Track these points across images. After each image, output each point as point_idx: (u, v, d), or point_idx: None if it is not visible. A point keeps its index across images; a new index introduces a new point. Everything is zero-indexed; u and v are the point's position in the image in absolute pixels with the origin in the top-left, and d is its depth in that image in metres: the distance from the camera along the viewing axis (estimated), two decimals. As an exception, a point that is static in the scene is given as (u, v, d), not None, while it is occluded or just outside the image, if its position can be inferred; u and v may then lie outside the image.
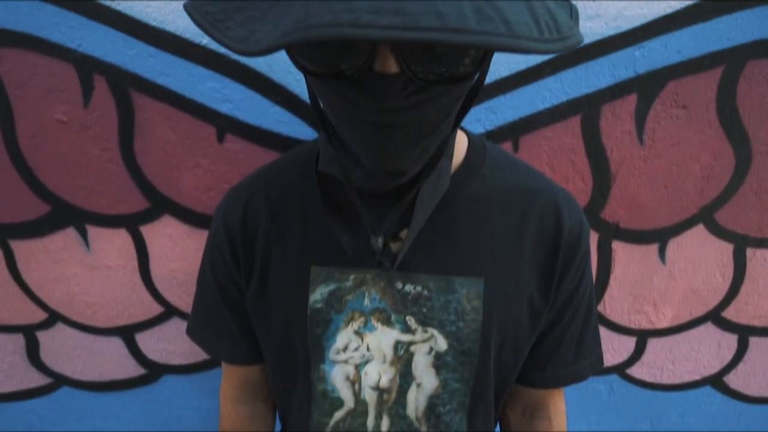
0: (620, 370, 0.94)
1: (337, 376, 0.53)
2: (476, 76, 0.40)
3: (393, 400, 0.53)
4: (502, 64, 0.69)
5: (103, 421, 0.94)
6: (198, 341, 0.62)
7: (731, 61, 0.70)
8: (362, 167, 0.42)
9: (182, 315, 0.86)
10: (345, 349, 0.52)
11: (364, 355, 0.52)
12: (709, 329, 0.90)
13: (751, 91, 0.72)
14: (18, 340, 0.88)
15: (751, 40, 0.69)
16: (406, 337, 0.52)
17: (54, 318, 0.86)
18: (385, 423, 0.54)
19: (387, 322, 0.51)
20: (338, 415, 0.54)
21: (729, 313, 0.89)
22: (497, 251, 0.51)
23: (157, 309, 0.85)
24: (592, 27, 0.67)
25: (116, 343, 0.88)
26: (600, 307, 0.88)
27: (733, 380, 0.95)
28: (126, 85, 0.69)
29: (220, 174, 0.74)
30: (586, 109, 0.72)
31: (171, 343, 0.88)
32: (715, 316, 0.89)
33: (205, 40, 0.67)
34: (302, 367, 0.55)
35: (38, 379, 0.91)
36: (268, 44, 0.29)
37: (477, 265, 0.51)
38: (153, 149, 0.73)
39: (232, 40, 0.31)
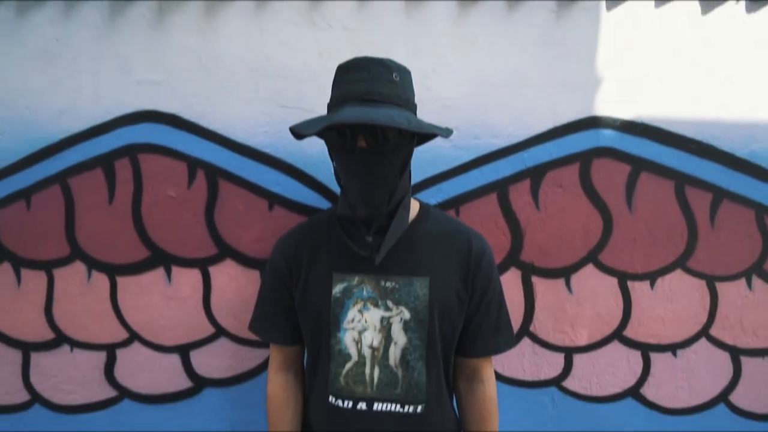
0: (557, 382, 1.22)
1: (347, 340, 0.86)
2: (408, 157, 0.84)
3: (381, 354, 0.85)
4: (444, 163, 1.15)
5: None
6: (258, 332, 0.95)
7: (583, 160, 1.17)
8: (358, 207, 0.83)
9: (229, 336, 1.17)
10: (352, 321, 0.86)
11: (363, 325, 0.86)
12: (617, 347, 1.22)
13: (600, 176, 1.17)
14: (100, 357, 1.17)
15: (592, 147, 1.17)
16: (387, 314, 0.86)
17: (133, 338, 1.16)
18: (376, 371, 0.85)
19: (376, 304, 0.86)
20: (348, 366, 0.86)
21: (630, 333, 1.21)
22: (436, 264, 0.87)
23: (210, 330, 1.17)
24: (495, 142, 1.15)
25: (174, 360, 1.17)
26: (532, 328, 1.21)
27: (648, 392, 1.23)
28: (216, 176, 1.13)
29: (268, 231, 1.14)
30: (500, 189, 1.16)
31: (216, 359, 1.17)
32: (619, 335, 1.22)
33: (267, 150, 1.13)
34: (326, 335, 0.87)
35: (107, 392, 1.17)
36: (314, 129, 0.76)
37: (425, 271, 0.86)
38: (226, 215, 1.14)
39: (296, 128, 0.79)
